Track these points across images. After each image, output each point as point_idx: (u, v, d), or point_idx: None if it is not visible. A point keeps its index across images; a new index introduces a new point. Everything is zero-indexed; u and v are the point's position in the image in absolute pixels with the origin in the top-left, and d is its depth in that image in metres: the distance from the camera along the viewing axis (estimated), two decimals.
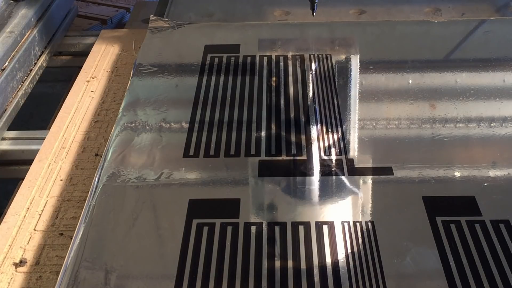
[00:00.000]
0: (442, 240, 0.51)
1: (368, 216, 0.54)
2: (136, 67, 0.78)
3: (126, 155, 0.62)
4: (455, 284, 0.47)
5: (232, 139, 0.64)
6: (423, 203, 0.54)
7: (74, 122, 0.73)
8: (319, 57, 0.79)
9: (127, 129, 0.66)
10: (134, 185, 0.58)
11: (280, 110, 0.68)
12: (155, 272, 0.50)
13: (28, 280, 0.53)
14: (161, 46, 0.84)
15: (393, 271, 0.48)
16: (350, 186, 0.58)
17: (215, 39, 0.84)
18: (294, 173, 0.59)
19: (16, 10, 0.90)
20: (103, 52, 0.89)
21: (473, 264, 0.48)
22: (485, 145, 0.62)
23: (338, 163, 0.60)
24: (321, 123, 0.66)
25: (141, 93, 0.73)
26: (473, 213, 0.53)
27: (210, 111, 0.69)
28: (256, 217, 0.54)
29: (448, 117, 0.66)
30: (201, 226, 0.53)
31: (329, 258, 0.50)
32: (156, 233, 0.53)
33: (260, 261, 0.49)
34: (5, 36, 0.84)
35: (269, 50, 0.81)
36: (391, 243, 0.51)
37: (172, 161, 0.61)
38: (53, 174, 0.65)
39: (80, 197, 0.62)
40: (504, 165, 0.59)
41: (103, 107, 0.76)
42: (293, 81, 0.74)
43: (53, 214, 0.60)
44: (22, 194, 0.62)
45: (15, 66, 0.82)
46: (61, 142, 0.70)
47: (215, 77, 0.75)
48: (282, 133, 0.65)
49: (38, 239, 0.57)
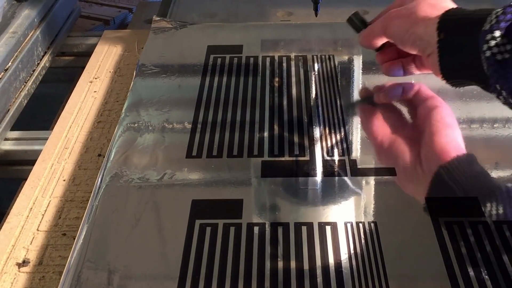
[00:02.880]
0: (445, 241, 0.51)
1: (371, 217, 0.54)
2: (139, 67, 0.78)
3: (129, 155, 0.62)
4: (458, 285, 0.47)
5: (235, 140, 0.64)
6: (426, 203, 0.54)
7: (77, 122, 0.73)
8: (322, 57, 0.79)
9: (130, 130, 0.66)
10: (137, 185, 0.58)
11: (283, 111, 0.68)
12: (158, 273, 0.50)
13: (31, 280, 0.53)
14: (163, 46, 0.84)
15: (396, 272, 0.48)
16: (352, 187, 0.58)
17: (217, 40, 0.84)
18: (297, 173, 0.59)
19: (19, 10, 0.90)
20: (106, 53, 0.89)
21: (476, 265, 0.48)
22: (488, 146, 0.62)
23: (341, 164, 0.60)
24: (323, 123, 0.66)
25: (144, 94, 0.73)
26: (476, 214, 0.53)
27: (213, 112, 0.69)
28: (259, 218, 0.54)
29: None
30: (204, 226, 0.53)
31: (332, 259, 0.50)
32: (159, 234, 0.53)
33: (263, 261, 0.49)
34: (8, 36, 0.84)
35: (272, 51, 0.81)
36: (394, 244, 0.51)
37: (175, 162, 0.61)
38: (56, 174, 0.65)
39: (83, 197, 0.62)
40: (507, 165, 0.59)
41: (106, 108, 0.76)
42: (296, 82, 0.74)
43: (56, 214, 0.60)
44: (25, 194, 0.63)
45: (18, 66, 0.82)
46: (64, 143, 0.70)
47: (217, 77, 0.75)
48: (285, 133, 0.65)
49: (41, 239, 0.57)
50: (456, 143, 0.59)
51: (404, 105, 0.67)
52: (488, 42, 0.49)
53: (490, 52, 0.49)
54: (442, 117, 0.61)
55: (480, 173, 0.57)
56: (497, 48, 0.48)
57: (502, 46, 0.48)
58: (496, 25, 0.48)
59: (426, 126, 0.61)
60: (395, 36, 0.61)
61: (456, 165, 0.56)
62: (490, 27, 0.49)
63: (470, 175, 0.56)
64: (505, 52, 0.48)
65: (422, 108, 0.64)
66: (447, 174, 0.56)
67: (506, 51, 0.48)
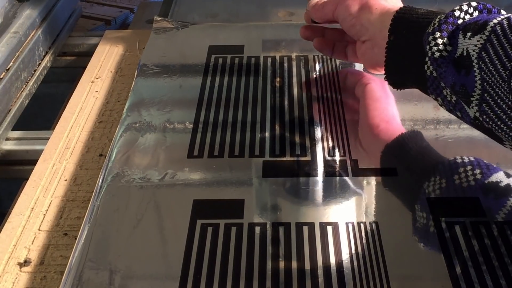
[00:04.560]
0: (446, 241, 0.51)
1: (372, 217, 0.54)
2: (140, 67, 0.78)
3: (131, 155, 0.62)
4: (460, 285, 0.47)
5: (236, 140, 0.64)
6: (427, 204, 0.54)
7: (78, 122, 0.74)
8: (323, 58, 0.79)
9: (131, 130, 0.66)
10: (139, 185, 0.58)
11: (284, 111, 0.68)
12: (160, 273, 0.50)
13: (33, 280, 0.53)
14: (165, 46, 0.84)
15: (397, 272, 0.48)
16: (354, 187, 0.58)
17: (219, 40, 0.84)
18: (298, 173, 0.59)
19: (21, 10, 0.90)
20: (107, 53, 0.89)
21: (478, 266, 0.48)
22: (489, 146, 0.62)
23: (342, 164, 0.60)
24: (325, 123, 0.66)
25: (145, 94, 0.73)
26: (478, 214, 0.53)
27: (214, 112, 0.69)
28: (260, 218, 0.54)
29: (452, 118, 0.66)
30: (205, 226, 0.53)
31: (333, 259, 0.50)
32: (160, 234, 0.53)
33: (264, 261, 0.50)
34: (9, 36, 0.84)
35: (273, 51, 0.81)
36: (396, 244, 0.51)
37: (176, 162, 0.61)
38: (58, 174, 0.65)
39: (84, 197, 0.62)
40: (508, 166, 0.59)
41: (107, 108, 0.76)
42: (297, 82, 0.74)
43: (58, 214, 0.60)
44: (27, 194, 0.63)
45: (20, 66, 0.82)
46: (65, 142, 0.70)
47: (219, 77, 0.75)
48: (286, 134, 0.65)
49: (42, 239, 0.57)
50: (385, 115, 0.65)
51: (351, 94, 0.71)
52: (429, 43, 0.52)
53: (431, 52, 0.52)
54: (372, 93, 0.67)
55: (424, 148, 0.61)
56: (436, 48, 0.52)
57: (442, 46, 0.52)
58: (438, 27, 0.52)
59: (360, 106, 0.67)
60: (339, 16, 0.65)
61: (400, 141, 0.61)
62: (433, 30, 0.52)
63: (415, 151, 0.60)
64: (444, 51, 0.51)
65: (356, 89, 0.70)
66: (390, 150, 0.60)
67: (445, 51, 0.51)
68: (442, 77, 0.53)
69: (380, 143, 0.61)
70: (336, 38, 0.72)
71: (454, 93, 0.52)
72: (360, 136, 0.63)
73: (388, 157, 0.60)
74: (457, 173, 0.57)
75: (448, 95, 0.54)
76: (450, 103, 0.54)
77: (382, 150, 0.61)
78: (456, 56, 0.51)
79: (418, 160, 0.59)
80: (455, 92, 0.52)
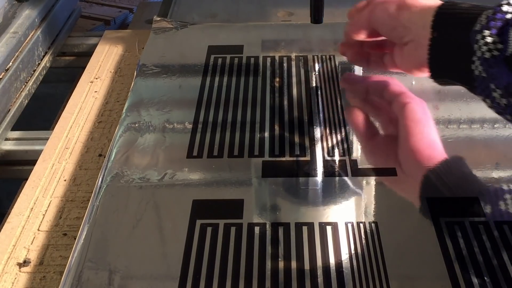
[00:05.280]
0: (445, 241, 0.51)
1: (371, 217, 0.54)
2: (140, 67, 0.78)
3: (130, 155, 0.62)
4: (459, 285, 0.47)
5: (236, 140, 0.64)
6: (427, 204, 0.54)
7: (77, 122, 0.73)
8: (323, 58, 0.79)
9: (130, 130, 0.66)
10: (138, 185, 0.58)
11: (284, 111, 0.68)
12: (159, 273, 0.50)
13: (32, 280, 0.53)
14: (164, 46, 0.84)
15: (396, 272, 0.48)
16: (353, 187, 0.58)
17: (218, 40, 0.84)
18: (298, 173, 0.59)
19: (20, 10, 0.90)
20: (107, 53, 0.89)
21: (477, 265, 0.48)
22: (488, 146, 0.62)
23: (342, 164, 0.60)
24: (324, 123, 0.66)
25: (145, 94, 0.73)
26: (477, 214, 0.53)
27: (214, 112, 0.69)
28: (259, 218, 0.54)
29: (452, 118, 0.66)
30: (204, 226, 0.53)
31: (333, 259, 0.50)
32: (159, 234, 0.53)
33: (264, 261, 0.50)
34: (9, 36, 0.84)
35: (272, 51, 0.81)
36: (395, 244, 0.51)
37: (175, 162, 0.61)
38: (57, 174, 0.65)
39: (83, 197, 0.62)
40: (508, 166, 0.59)
41: (107, 108, 0.76)
42: (297, 82, 0.74)
43: (57, 214, 0.60)
44: (26, 194, 0.63)
45: (19, 66, 0.82)
46: (64, 143, 0.70)
47: (218, 77, 0.75)
48: (286, 134, 0.65)
49: (42, 239, 0.57)
50: (429, 140, 0.59)
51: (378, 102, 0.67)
52: (478, 42, 0.49)
53: (481, 52, 0.49)
54: (413, 114, 0.60)
55: (468, 174, 0.57)
56: (486, 47, 0.49)
57: (492, 45, 0.48)
58: (486, 25, 0.49)
59: (399, 126, 0.61)
60: (378, 20, 0.60)
61: (444, 167, 0.56)
62: (481, 27, 0.49)
63: (457, 176, 0.56)
64: (494, 50, 0.48)
65: (394, 106, 0.63)
66: (434, 176, 0.56)
67: (496, 49, 0.48)
68: (493, 78, 0.49)
69: (423, 169, 0.57)
70: (372, 48, 0.67)
71: (509, 95, 0.48)
72: (401, 159, 0.59)
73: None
74: (502, 199, 0.55)
75: (497, 97, 0.50)
76: (499, 105, 0.51)
77: (424, 174, 0.57)
78: (508, 53, 0.47)
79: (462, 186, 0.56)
80: (510, 94, 0.48)
